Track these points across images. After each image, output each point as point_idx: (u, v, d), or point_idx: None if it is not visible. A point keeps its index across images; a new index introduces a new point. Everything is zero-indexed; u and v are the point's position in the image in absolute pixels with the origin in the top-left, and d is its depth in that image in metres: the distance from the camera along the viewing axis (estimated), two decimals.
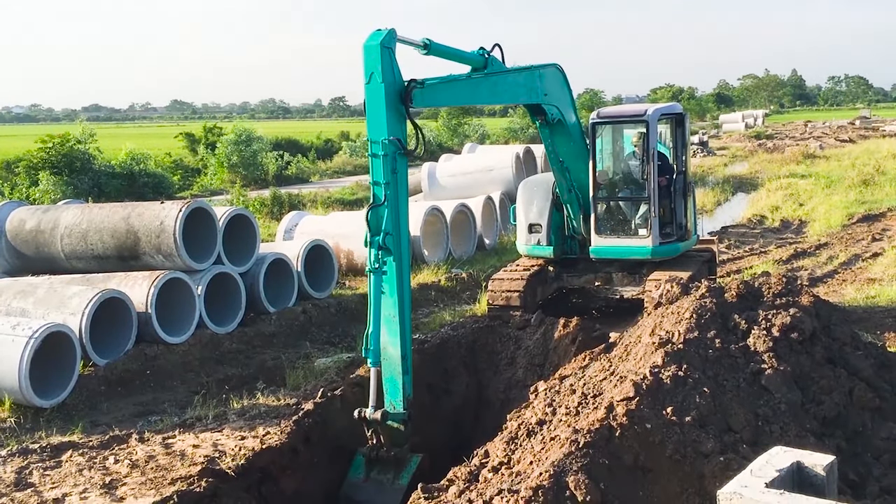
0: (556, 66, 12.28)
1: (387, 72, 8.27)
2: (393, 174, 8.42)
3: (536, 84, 11.68)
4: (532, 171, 24.76)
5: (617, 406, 5.84)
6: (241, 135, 40.05)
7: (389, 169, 8.38)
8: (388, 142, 8.32)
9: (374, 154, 8.40)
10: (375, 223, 8.52)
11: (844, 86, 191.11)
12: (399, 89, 8.44)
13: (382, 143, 8.34)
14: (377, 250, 8.45)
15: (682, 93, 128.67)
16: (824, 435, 6.09)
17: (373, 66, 8.26)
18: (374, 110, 8.39)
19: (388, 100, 8.32)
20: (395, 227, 8.51)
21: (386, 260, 8.45)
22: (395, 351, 8.40)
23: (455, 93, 10.14)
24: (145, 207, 13.91)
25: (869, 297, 13.76)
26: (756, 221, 23.91)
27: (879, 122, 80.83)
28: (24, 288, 12.79)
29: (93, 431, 9.98)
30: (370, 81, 8.30)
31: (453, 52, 10.14)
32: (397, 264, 8.47)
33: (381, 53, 8.20)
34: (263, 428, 9.47)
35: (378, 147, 8.37)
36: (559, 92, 12.27)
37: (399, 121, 8.51)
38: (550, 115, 12.23)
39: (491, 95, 10.97)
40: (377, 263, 8.47)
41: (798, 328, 6.73)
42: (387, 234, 8.43)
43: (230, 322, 13.67)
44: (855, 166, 35.40)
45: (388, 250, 8.45)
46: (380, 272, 8.46)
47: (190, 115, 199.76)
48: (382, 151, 8.34)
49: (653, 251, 12.87)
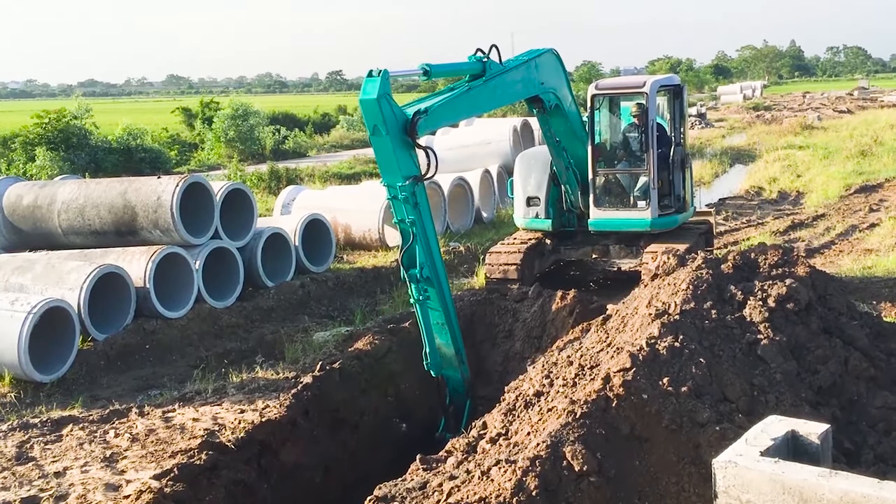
0: (551, 51, 12.21)
1: (389, 120, 8.22)
2: (415, 208, 8.53)
3: (533, 76, 11.63)
4: (530, 143, 24.69)
5: (613, 377, 5.87)
6: (237, 109, 39.88)
7: (411, 206, 8.50)
8: (404, 184, 8.40)
9: (394, 197, 8.50)
10: (409, 260, 8.72)
11: (843, 56, 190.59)
12: (403, 127, 8.42)
13: (399, 187, 8.41)
14: (416, 283, 8.70)
15: (681, 64, 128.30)
16: (819, 404, 6.12)
17: (374, 119, 8.22)
18: (385, 158, 8.41)
19: (395, 144, 8.32)
20: (428, 254, 8.71)
21: (427, 288, 8.72)
22: (448, 350, 9.02)
23: (456, 110, 10.10)
24: (142, 182, 13.89)
25: (865, 267, 13.79)
26: (754, 193, 23.90)
27: (878, 93, 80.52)
28: (22, 264, 12.80)
29: (93, 406, 10.04)
30: (375, 133, 8.29)
31: (452, 67, 10.18)
32: (437, 286, 8.76)
33: (380, 105, 8.15)
34: (263, 401, 9.52)
35: (395, 191, 8.45)
36: (555, 76, 12.22)
37: (410, 156, 8.53)
38: (548, 102, 12.17)
39: (491, 101, 10.87)
40: (420, 295, 8.75)
41: (794, 298, 6.75)
42: (422, 266, 8.64)
43: (228, 296, 13.70)
44: (853, 137, 35.35)
45: (428, 279, 8.70)
46: (425, 301, 8.77)
47: (186, 89, 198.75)
48: (402, 195, 8.44)
49: (652, 223, 12.88)
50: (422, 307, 8.78)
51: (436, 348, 8.92)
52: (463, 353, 9.22)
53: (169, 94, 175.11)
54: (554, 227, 13.62)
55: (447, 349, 9.04)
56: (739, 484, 4.26)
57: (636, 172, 13.19)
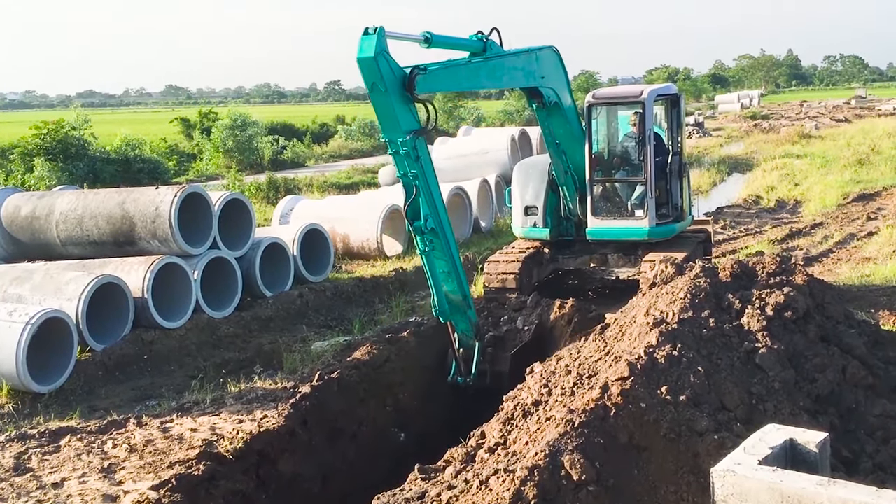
0: (552, 48, 12.26)
1: (387, 77, 8.30)
2: (417, 161, 8.67)
3: (533, 67, 11.67)
4: (528, 153, 24.73)
5: (612, 386, 5.87)
6: (236, 119, 39.91)
7: (413, 160, 8.65)
8: (405, 139, 8.51)
9: (395, 152, 8.64)
10: (413, 212, 8.91)
11: (840, 65, 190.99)
12: (402, 81, 8.48)
13: (401, 142, 8.54)
14: (422, 235, 8.94)
15: (678, 74, 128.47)
16: (818, 413, 6.13)
17: (372, 77, 8.28)
18: (385, 114, 8.52)
19: (394, 99, 8.41)
20: (432, 206, 8.90)
21: (432, 239, 8.97)
22: (456, 297, 9.37)
23: (456, 78, 10.21)
24: (141, 193, 13.90)
25: (863, 275, 13.80)
26: (752, 202, 23.92)
27: (875, 102, 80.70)
28: (21, 274, 12.79)
29: (91, 416, 10.01)
30: (373, 91, 8.36)
31: (453, 41, 10.24)
32: (442, 237, 9.00)
33: (378, 63, 8.20)
34: (261, 411, 9.50)
35: (396, 146, 8.58)
36: (555, 74, 12.26)
37: (409, 111, 8.65)
38: (547, 97, 12.23)
39: (490, 79, 11.03)
40: (425, 246, 9.01)
41: (792, 307, 6.75)
42: (426, 217, 8.85)
43: (227, 306, 13.69)
44: (850, 146, 35.38)
45: (433, 230, 8.93)
46: (430, 251, 9.05)
47: (185, 100, 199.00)
48: (403, 149, 8.57)
49: (649, 232, 12.89)
50: (428, 258, 9.09)
51: (443, 296, 9.30)
52: (469, 299, 9.58)
53: (167, 105, 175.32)
54: (552, 236, 13.63)
55: (454, 296, 9.36)
56: (738, 493, 4.25)
57: (633, 181, 13.22)
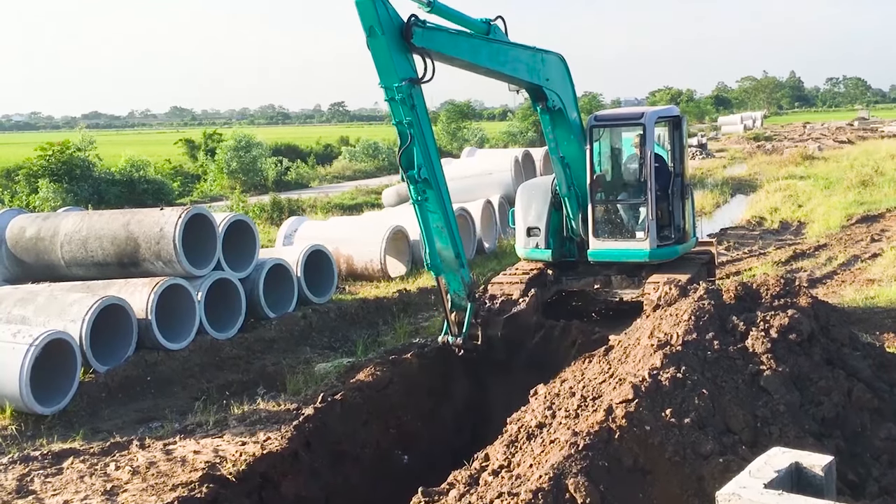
0: (559, 55, 12.33)
1: (384, 21, 8.56)
2: (412, 110, 8.86)
3: (538, 66, 11.74)
4: (531, 174, 24.77)
5: (616, 408, 5.85)
6: (240, 141, 40.10)
7: (408, 108, 8.84)
8: (400, 85, 8.71)
9: (391, 99, 8.85)
10: (408, 160, 9.11)
11: (843, 87, 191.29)
12: (399, 29, 8.70)
13: (396, 88, 8.74)
14: (415, 184, 9.14)
15: (681, 95, 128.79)
16: (823, 436, 6.09)
17: (370, 20, 8.51)
18: (381, 60, 8.71)
19: (390, 45, 8.60)
20: (426, 157, 9.09)
21: (425, 189, 9.16)
22: (448, 253, 9.46)
23: (455, 44, 10.22)
24: (145, 214, 13.93)
25: (868, 297, 13.77)
26: (755, 223, 23.92)
27: (878, 123, 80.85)
28: (25, 296, 12.80)
29: (94, 438, 9.99)
30: (371, 35, 8.59)
31: (457, 13, 10.44)
32: (435, 188, 9.19)
33: (375, 5, 8.45)
34: (264, 433, 9.48)
35: (392, 92, 8.78)
36: (561, 82, 12.32)
37: (406, 59, 8.84)
38: (551, 100, 12.27)
39: (490, 60, 11.05)
40: (419, 196, 9.23)
41: (796, 329, 6.73)
42: (420, 166, 9.05)
43: (230, 328, 13.69)
44: (853, 167, 35.41)
45: (426, 180, 9.11)
46: (424, 201, 9.25)
47: (189, 121, 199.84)
48: (399, 95, 8.77)
49: (650, 254, 12.88)
50: (420, 208, 9.29)
51: (435, 251, 9.43)
52: (463, 258, 9.63)
53: (172, 126, 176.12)
54: (554, 257, 13.63)
55: (447, 253, 9.43)
56: None
57: (635, 203, 13.23)
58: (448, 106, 66.24)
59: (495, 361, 10.04)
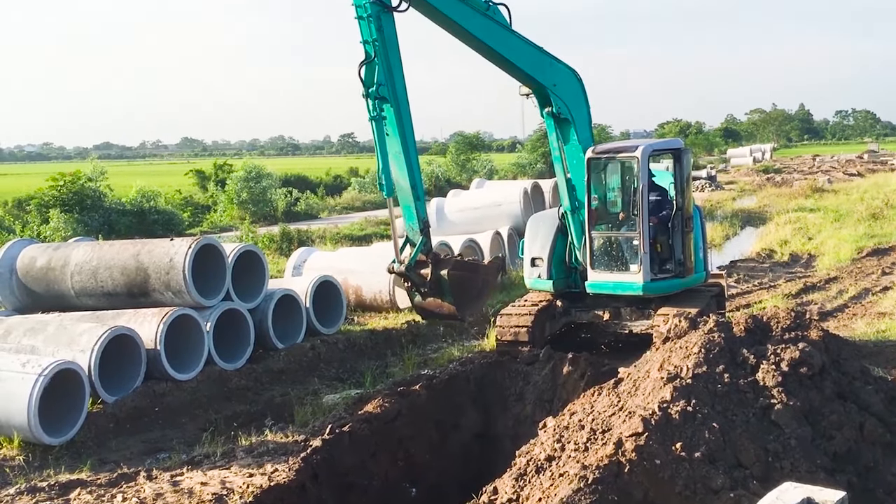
0: (573, 70, 12.44)
1: None
2: (379, 32, 9.33)
3: (544, 66, 11.86)
4: (540, 206, 24.80)
5: (626, 441, 5.81)
6: (250, 172, 40.30)
7: (375, 27, 9.31)
8: (369, 3, 9.20)
9: (360, 17, 9.31)
10: (369, 77, 9.57)
11: (852, 120, 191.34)
12: None
13: (364, 6, 9.26)
14: (374, 100, 9.60)
15: (690, 127, 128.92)
16: (835, 470, 6.04)
17: None
18: None
19: None
20: (388, 77, 9.53)
21: (384, 107, 9.60)
22: (405, 182, 9.75)
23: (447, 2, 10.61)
24: (155, 244, 13.97)
25: (879, 331, 13.69)
26: (765, 255, 23.86)
27: (887, 156, 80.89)
28: (35, 325, 12.83)
29: (101, 469, 9.96)
30: None
31: None
32: (395, 109, 9.60)
33: None
34: (271, 465, 9.43)
35: (361, 10, 9.27)
36: (573, 97, 12.38)
37: None
38: (556, 106, 12.33)
39: (482, 32, 11.43)
40: (374, 112, 9.64)
41: (807, 363, 6.70)
42: (380, 84, 9.49)
43: (239, 358, 13.67)
44: (863, 200, 35.39)
45: (384, 98, 9.56)
46: (380, 119, 9.67)
47: (200, 152, 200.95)
48: (367, 13, 9.27)
49: (644, 287, 12.76)
50: (377, 126, 9.72)
51: (389, 174, 9.83)
52: (419, 190, 10.00)
53: (183, 157, 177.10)
54: (556, 287, 13.58)
55: (403, 182, 9.76)
56: None
57: (629, 236, 13.09)
58: (457, 137, 66.46)
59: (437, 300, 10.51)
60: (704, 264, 13.88)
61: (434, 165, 56.62)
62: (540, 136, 60.16)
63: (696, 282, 13.63)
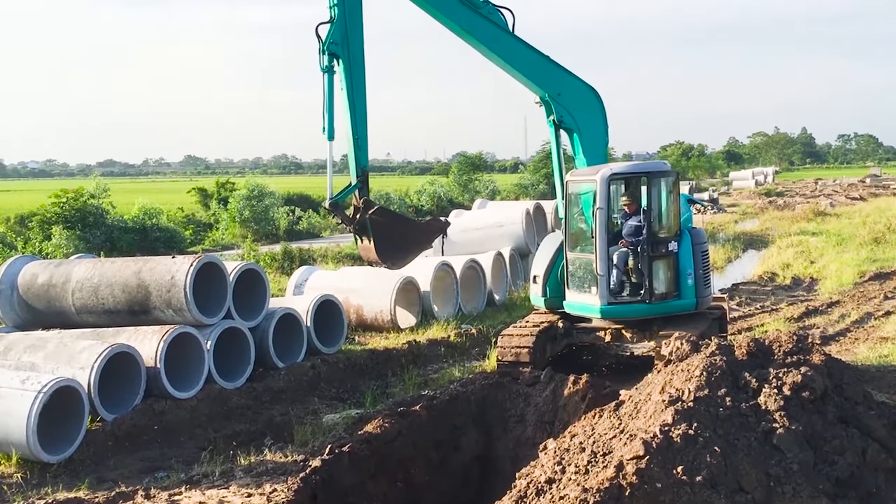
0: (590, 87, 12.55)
1: None
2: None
3: (550, 76, 11.94)
4: (542, 226, 24.82)
5: (626, 465, 5.78)
6: (253, 190, 40.43)
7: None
8: None
9: None
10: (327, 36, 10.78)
11: (854, 144, 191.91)
12: None
13: None
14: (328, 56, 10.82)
15: (693, 150, 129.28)
16: (838, 496, 6.00)
17: None
18: None
19: None
20: (344, 38, 10.69)
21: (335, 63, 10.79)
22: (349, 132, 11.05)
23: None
24: (156, 262, 13.97)
25: (882, 356, 13.65)
26: (767, 279, 23.85)
27: (890, 180, 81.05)
28: (35, 342, 12.81)
29: (99, 487, 9.92)
30: None
31: None
32: (346, 65, 10.76)
33: None
34: (270, 485, 9.39)
35: None
36: (582, 108, 12.45)
37: None
38: (557, 114, 12.42)
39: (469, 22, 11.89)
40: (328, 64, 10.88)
41: (809, 387, 6.67)
42: (333, 42, 10.69)
43: (239, 377, 13.64)
44: (866, 224, 35.40)
45: (335, 55, 10.78)
46: (330, 71, 10.91)
47: (203, 170, 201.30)
48: None
49: (601, 310, 12.72)
50: (328, 77, 10.91)
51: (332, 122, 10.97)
52: (363, 141, 11.13)
53: (186, 175, 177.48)
54: (548, 305, 13.65)
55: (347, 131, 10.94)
56: None
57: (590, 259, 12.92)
58: (460, 158, 66.60)
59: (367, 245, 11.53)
60: (697, 290, 13.14)
61: (436, 185, 56.70)
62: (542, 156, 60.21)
63: (680, 309, 13.05)
